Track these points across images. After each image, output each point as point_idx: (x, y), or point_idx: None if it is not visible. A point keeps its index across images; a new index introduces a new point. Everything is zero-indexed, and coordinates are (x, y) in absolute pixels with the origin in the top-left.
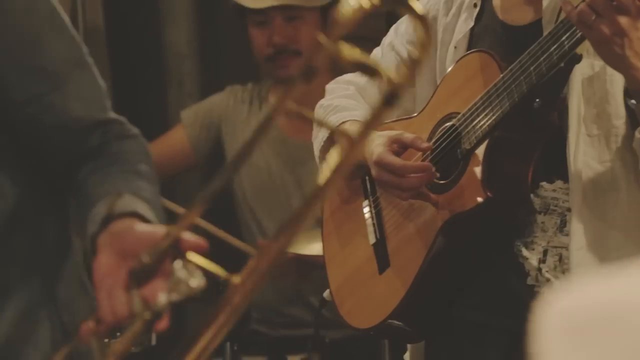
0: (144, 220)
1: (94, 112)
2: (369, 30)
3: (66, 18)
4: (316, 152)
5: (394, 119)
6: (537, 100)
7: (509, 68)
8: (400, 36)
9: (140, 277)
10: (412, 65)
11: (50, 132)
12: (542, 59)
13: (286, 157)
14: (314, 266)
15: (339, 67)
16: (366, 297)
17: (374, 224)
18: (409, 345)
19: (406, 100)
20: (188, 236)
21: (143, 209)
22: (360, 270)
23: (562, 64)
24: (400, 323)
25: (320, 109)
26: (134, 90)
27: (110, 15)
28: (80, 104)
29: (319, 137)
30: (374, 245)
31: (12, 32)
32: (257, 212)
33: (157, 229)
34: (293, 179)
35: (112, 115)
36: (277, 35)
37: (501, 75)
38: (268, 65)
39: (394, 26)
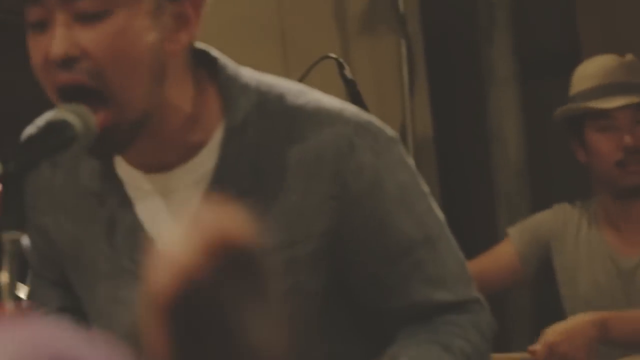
0: None
1: (439, 295)
2: None
3: (420, 189)
4: None
5: None
6: None
7: None
8: None
9: None
10: None
11: (387, 311)
12: None
13: (615, 273)
14: None
15: None
16: None
17: None
18: None
19: None
20: None
21: None
22: None
23: None
24: None
25: None
26: (463, 205)
27: (440, 126)
28: (424, 288)
29: None
30: None
31: (358, 215)
32: None
33: None
34: (623, 295)
35: (461, 295)
36: (629, 136)
37: None
38: (616, 172)
39: None
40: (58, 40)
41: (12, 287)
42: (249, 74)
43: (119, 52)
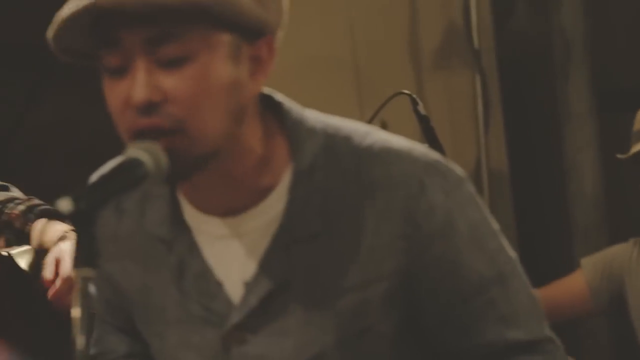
0: None
1: (512, 334)
2: None
3: (491, 227)
4: None
5: None
6: None
7: None
8: None
9: None
10: None
11: (460, 351)
12: None
13: None
14: None
15: None
16: None
17: None
18: None
19: None
20: None
21: None
22: None
23: None
24: None
25: None
26: (540, 240)
27: (516, 161)
28: (497, 326)
29: None
30: None
31: (430, 254)
32: None
33: None
34: None
35: (534, 334)
36: None
37: None
38: None
39: None
40: (140, 85)
41: (84, 323)
42: (314, 117)
43: (200, 96)
